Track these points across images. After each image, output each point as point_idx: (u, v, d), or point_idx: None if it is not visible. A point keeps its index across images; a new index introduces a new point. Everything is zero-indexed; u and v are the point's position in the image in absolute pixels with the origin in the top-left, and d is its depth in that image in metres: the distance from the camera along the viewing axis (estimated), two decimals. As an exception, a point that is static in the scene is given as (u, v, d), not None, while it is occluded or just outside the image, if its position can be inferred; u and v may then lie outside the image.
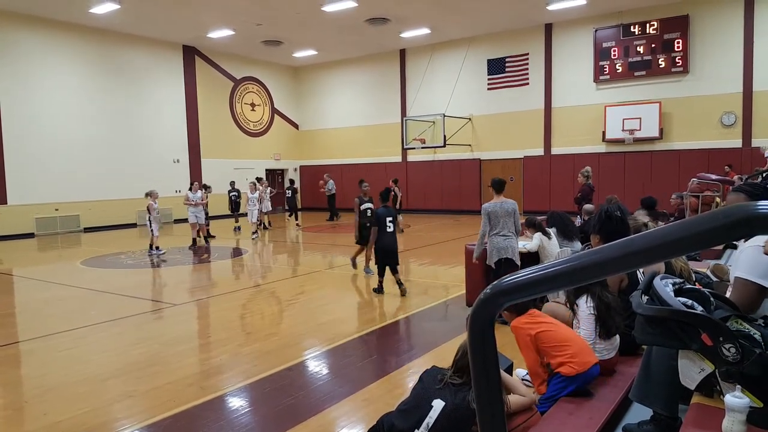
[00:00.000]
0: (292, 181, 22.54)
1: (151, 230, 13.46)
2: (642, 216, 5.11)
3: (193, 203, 14.98)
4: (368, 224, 9.58)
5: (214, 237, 17.08)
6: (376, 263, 8.71)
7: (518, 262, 6.84)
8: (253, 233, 16.70)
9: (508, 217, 6.86)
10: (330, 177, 22.97)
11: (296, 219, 21.00)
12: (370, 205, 10.16)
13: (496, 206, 6.90)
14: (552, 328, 3.64)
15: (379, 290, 8.67)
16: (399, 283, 8.51)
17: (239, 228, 18.87)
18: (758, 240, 2.64)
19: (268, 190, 19.56)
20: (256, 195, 17.11)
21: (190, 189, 15.40)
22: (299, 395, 4.76)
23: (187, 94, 23.13)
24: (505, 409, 3.17)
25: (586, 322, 3.80)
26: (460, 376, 3.29)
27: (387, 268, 8.59)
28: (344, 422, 4.29)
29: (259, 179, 19.51)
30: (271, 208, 19.63)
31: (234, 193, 19.41)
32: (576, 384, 3.45)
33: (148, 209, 13.51)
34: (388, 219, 8.55)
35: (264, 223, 19.31)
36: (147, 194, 13.62)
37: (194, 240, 14.79)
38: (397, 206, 17.02)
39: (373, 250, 8.99)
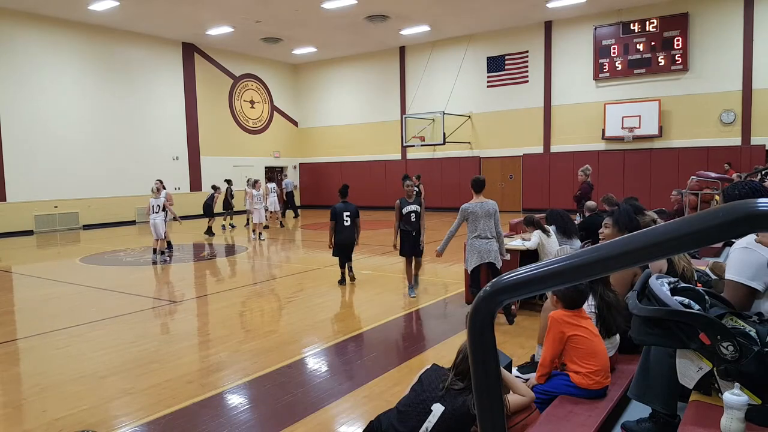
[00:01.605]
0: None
1: (163, 231, 12.27)
2: (650, 213, 5.10)
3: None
4: (413, 232, 8.18)
5: (214, 234, 17.08)
6: (333, 255, 9.35)
7: (500, 266, 6.62)
8: (260, 234, 15.66)
9: (488, 219, 6.59)
10: (286, 176, 24.20)
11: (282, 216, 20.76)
12: (414, 208, 8.21)
13: (476, 207, 6.60)
14: (587, 336, 3.55)
15: (342, 281, 9.37)
16: (350, 271, 9.45)
17: (233, 226, 18.66)
18: (744, 242, 2.65)
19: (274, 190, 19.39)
20: (261, 193, 15.94)
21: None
22: (299, 392, 4.77)
23: (187, 92, 23.10)
24: (505, 410, 3.16)
25: None
26: (461, 380, 3.27)
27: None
28: (344, 419, 4.29)
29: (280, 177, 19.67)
30: (278, 208, 19.36)
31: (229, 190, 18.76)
32: (579, 395, 3.44)
33: (165, 207, 12.31)
34: (345, 214, 8.99)
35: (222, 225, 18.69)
36: (156, 189, 12.42)
37: (170, 243, 13.39)
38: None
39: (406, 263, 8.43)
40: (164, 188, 13.05)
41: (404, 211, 8.18)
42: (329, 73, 26.90)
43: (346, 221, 8.99)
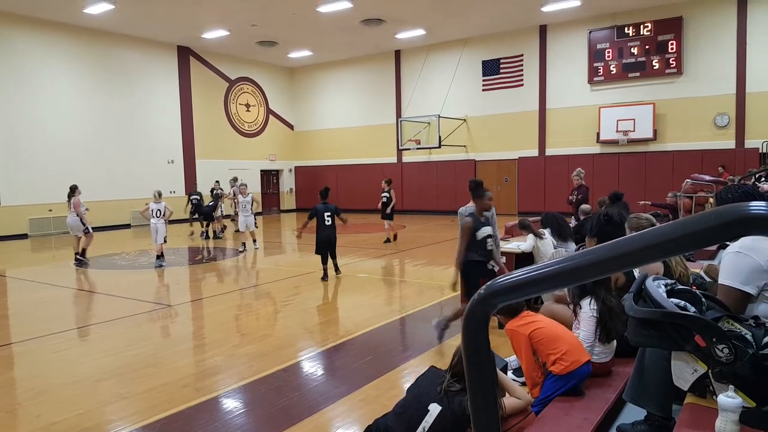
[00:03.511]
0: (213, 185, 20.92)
1: (163, 236, 12.07)
2: (645, 216, 5.08)
3: (71, 210, 12.37)
4: (490, 264, 5.85)
5: (220, 238, 16.95)
6: (316, 253, 9.82)
7: (497, 268, 6.45)
8: (245, 243, 14.18)
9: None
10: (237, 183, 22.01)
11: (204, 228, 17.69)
12: (490, 230, 5.91)
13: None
14: (544, 325, 3.67)
15: (325, 278, 9.83)
16: (335, 267, 10.00)
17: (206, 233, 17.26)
18: (737, 246, 2.66)
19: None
20: (248, 199, 14.27)
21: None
22: (294, 396, 4.76)
23: (182, 95, 23.07)
24: (501, 413, 3.18)
25: (586, 323, 3.81)
26: (458, 381, 3.29)
27: (328, 256, 9.86)
28: (340, 423, 4.29)
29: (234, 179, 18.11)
30: (223, 213, 17.92)
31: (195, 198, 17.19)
32: (569, 383, 3.46)
33: (163, 212, 12.06)
34: (326, 214, 9.59)
35: (216, 230, 17.33)
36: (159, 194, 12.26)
37: (82, 251, 12.76)
38: (388, 211, 14.80)
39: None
40: (79, 192, 12.91)
41: (479, 235, 5.82)
42: (325, 76, 26.92)
43: (327, 221, 9.56)
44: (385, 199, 14.92)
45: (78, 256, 12.63)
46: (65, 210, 19.01)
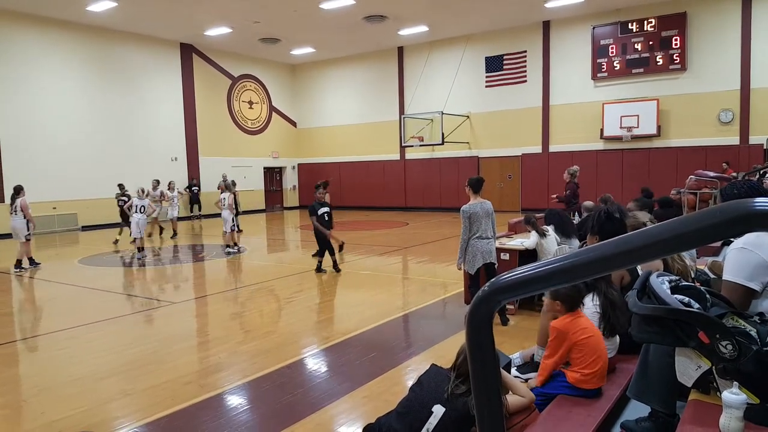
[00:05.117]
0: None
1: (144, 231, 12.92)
2: (642, 214, 5.06)
3: (16, 213, 11.70)
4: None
5: (242, 231, 16.80)
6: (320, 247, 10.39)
7: (497, 265, 6.62)
8: (228, 247, 13.32)
9: (487, 219, 6.52)
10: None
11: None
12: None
13: (476, 207, 6.49)
14: (593, 334, 3.52)
15: (318, 269, 10.35)
16: (334, 264, 10.37)
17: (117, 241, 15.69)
18: (741, 242, 2.65)
19: (176, 194, 17.93)
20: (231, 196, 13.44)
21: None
22: (298, 393, 4.77)
23: (185, 92, 23.07)
24: (504, 411, 3.16)
25: (590, 320, 3.79)
26: (462, 382, 3.26)
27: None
28: (343, 419, 4.29)
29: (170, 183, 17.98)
30: (177, 215, 17.71)
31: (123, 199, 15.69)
32: (575, 394, 3.44)
33: (150, 207, 12.98)
34: (324, 210, 10.22)
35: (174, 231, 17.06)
36: (147, 192, 13.09)
37: (29, 259, 11.89)
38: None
39: None
40: (24, 194, 11.95)
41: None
42: (327, 73, 26.88)
43: (325, 217, 10.15)
44: None
45: (22, 263, 11.72)
46: (68, 207, 19.16)
